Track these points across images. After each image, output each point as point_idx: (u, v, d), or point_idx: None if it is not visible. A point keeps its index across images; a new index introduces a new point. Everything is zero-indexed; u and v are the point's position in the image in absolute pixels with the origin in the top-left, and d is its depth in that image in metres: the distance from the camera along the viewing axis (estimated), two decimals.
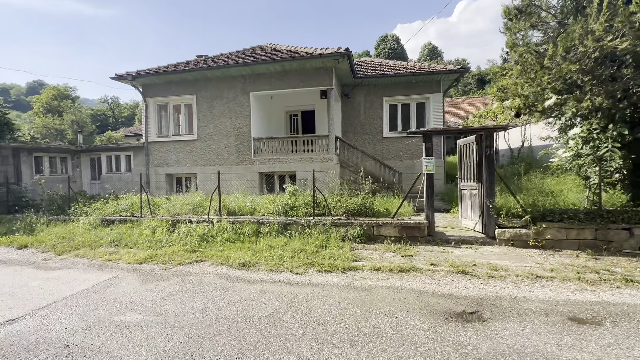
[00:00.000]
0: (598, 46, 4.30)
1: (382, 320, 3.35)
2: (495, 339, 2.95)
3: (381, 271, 4.84)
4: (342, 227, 6.40)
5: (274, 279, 4.64)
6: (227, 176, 11.03)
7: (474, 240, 6.00)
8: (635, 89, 4.67)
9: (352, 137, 12.76)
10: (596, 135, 5.64)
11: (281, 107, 13.71)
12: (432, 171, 6.15)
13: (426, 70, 11.61)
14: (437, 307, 3.67)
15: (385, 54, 42.31)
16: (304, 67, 10.39)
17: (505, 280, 4.43)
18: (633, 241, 5.38)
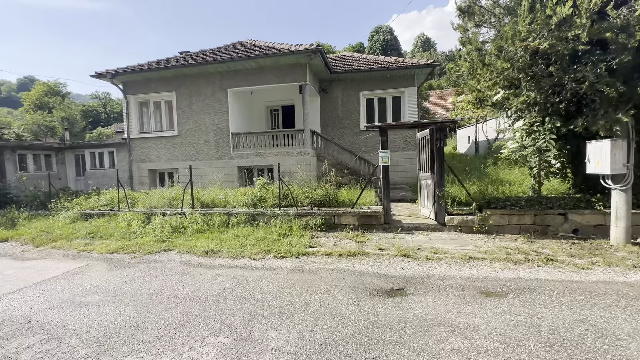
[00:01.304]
0: (523, 46, 4.67)
1: (314, 297, 3.77)
2: (406, 310, 3.38)
3: (332, 256, 5.26)
4: (305, 216, 6.80)
5: (231, 265, 5.05)
6: (207, 170, 11.37)
7: (426, 227, 6.44)
8: (569, 84, 5.05)
9: (331, 131, 13.11)
10: (536, 128, 6.06)
11: (261, 102, 13.99)
12: (388, 163, 6.54)
13: (400, 65, 11.94)
14: (370, 285, 4.10)
15: (379, 45, 42.19)
16: (279, 63, 10.67)
17: (441, 261, 4.87)
18: (567, 225, 5.84)
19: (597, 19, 4.62)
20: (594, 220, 5.71)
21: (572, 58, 4.91)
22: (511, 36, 4.88)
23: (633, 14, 4.27)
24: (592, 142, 5.26)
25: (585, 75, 4.57)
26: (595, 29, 4.26)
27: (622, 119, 4.67)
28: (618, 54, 4.43)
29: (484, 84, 6.02)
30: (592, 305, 3.37)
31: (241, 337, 2.94)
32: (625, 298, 3.53)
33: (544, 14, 4.39)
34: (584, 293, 3.68)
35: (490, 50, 5.14)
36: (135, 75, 11.69)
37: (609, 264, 4.53)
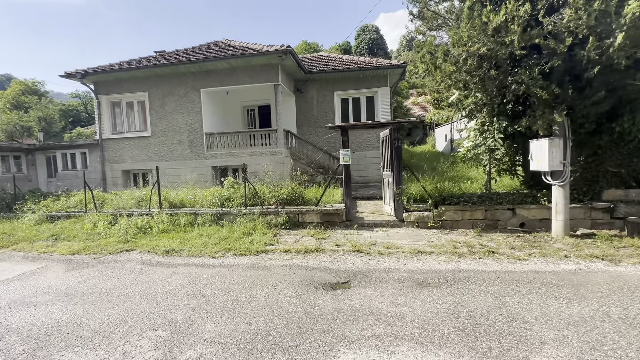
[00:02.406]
0: (465, 50, 4.94)
1: (261, 291, 3.93)
2: (343, 301, 3.58)
3: (289, 252, 5.43)
4: (270, 215, 6.95)
5: (190, 263, 5.16)
6: (181, 171, 11.38)
7: (386, 223, 6.68)
8: (512, 86, 5.34)
9: (306, 131, 13.27)
10: (487, 128, 6.37)
11: (238, 102, 14.03)
12: (349, 162, 6.75)
13: (372, 65, 12.19)
14: (318, 279, 4.29)
15: (365, 44, 42.49)
16: (251, 64, 10.76)
17: (391, 256, 5.10)
18: (515, 219, 6.17)
19: (534, 25, 4.93)
20: (539, 215, 6.06)
21: (513, 62, 5.20)
22: (456, 41, 5.14)
23: (562, 21, 4.58)
24: (534, 140, 5.59)
25: (522, 78, 4.87)
26: (526, 35, 4.55)
27: (556, 119, 4.99)
28: (550, 59, 4.74)
29: (438, 86, 6.28)
30: (514, 293, 3.64)
31: (179, 330, 3.08)
32: (546, 285, 3.82)
33: (481, 20, 4.67)
34: (512, 282, 3.96)
35: (438, 54, 5.39)
36: (106, 75, 11.57)
37: (544, 255, 4.85)
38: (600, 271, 4.21)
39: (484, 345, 2.66)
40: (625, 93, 4.95)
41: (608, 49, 4.33)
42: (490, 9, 4.62)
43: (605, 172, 5.88)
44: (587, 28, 4.37)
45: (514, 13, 4.45)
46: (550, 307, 3.27)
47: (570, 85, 4.90)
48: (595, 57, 4.47)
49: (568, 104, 5.03)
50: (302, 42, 42.35)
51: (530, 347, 2.61)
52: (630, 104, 5.20)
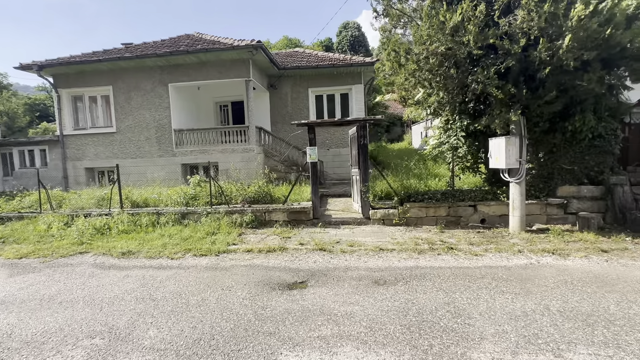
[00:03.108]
0: (425, 48, 4.98)
1: (214, 294, 3.82)
2: (296, 302, 3.53)
3: (251, 252, 5.33)
4: (237, 214, 6.80)
5: (146, 265, 4.96)
6: (149, 168, 10.97)
7: (353, 221, 6.70)
8: (473, 85, 5.43)
9: (281, 127, 13.10)
10: (450, 126, 6.48)
11: (210, 97, 13.67)
12: (315, 160, 6.70)
13: (346, 62, 12.16)
14: (276, 279, 4.22)
15: (347, 41, 42.40)
16: (221, 58, 10.47)
17: (353, 254, 5.10)
18: (476, 216, 6.33)
19: (492, 25, 5.02)
20: (499, 211, 6.25)
21: (472, 61, 5.29)
22: (417, 39, 5.17)
23: (516, 22, 4.69)
24: (493, 139, 5.74)
25: (479, 77, 4.96)
26: (482, 35, 4.63)
27: (512, 117, 5.13)
28: (506, 59, 4.84)
29: (405, 84, 6.32)
30: (465, 289, 3.72)
31: (118, 337, 2.93)
32: (497, 280, 3.92)
33: (439, 20, 4.71)
34: (465, 278, 4.04)
35: (400, 53, 5.41)
36: (66, 67, 10.93)
37: (499, 250, 4.99)
38: (549, 265, 4.38)
39: (426, 342, 2.69)
40: (576, 93, 5.14)
41: (558, 50, 4.47)
42: (446, 8, 4.66)
43: (559, 170, 6.12)
44: (538, 29, 4.50)
45: (470, 13, 4.51)
46: (496, 302, 3.35)
47: (524, 85, 5.04)
48: (547, 58, 4.61)
49: (523, 104, 5.18)
50: (283, 38, 41.84)
51: (469, 343, 2.65)
52: (581, 104, 5.42)
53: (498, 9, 4.75)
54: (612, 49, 4.59)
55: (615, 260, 4.43)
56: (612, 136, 5.81)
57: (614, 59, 4.82)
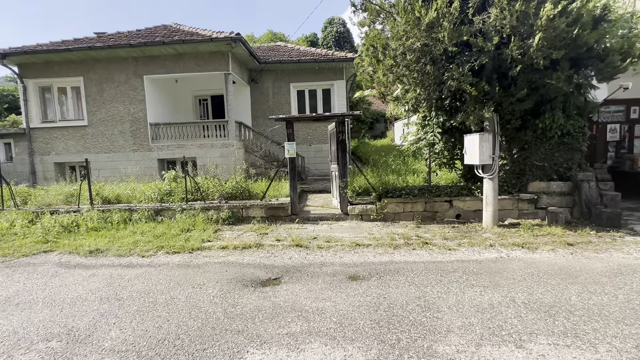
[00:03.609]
0: (401, 44, 4.99)
1: (184, 292, 3.71)
2: (268, 299, 3.48)
3: (226, 249, 5.23)
4: (213, 210, 6.66)
5: (115, 263, 4.77)
6: (123, 163, 10.57)
7: (331, 217, 6.68)
8: (449, 82, 5.48)
9: (262, 122, 12.92)
10: (427, 122, 6.55)
11: (188, 91, 13.30)
12: (294, 155, 6.63)
13: (328, 58, 12.10)
14: (249, 276, 4.14)
15: (332, 37, 42.15)
16: (198, 50, 10.18)
17: (329, 250, 5.09)
18: (452, 211, 6.45)
19: (467, 23, 5.07)
20: (474, 206, 6.38)
21: (447, 58, 5.33)
22: (394, 35, 5.16)
23: (489, 20, 4.75)
24: (467, 135, 5.83)
25: (454, 74, 5.01)
26: (456, 32, 4.68)
27: (485, 114, 5.22)
28: (479, 56, 4.91)
29: (383, 80, 6.32)
30: (436, 283, 3.76)
31: (77, 340, 2.79)
32: (467, 274, 4.00)
33: (414, 15, 4.71)
34: (437, 272, 4.09)
35: (378, 48, 5.40)
36: (32, 56, 10.34)
37: (472, 244, 5.10)
38: (518, 259, 4.50)
39: (394, 337, 2.69)
40: (546, 92, 5.29)
41: (528, 49, 4.57)
42: (422, 4, 4.68)
43: (531, 166, 6.30)
44: (510, 28, 4.58)
45: (445, 9, 4.54)
46: (465, 296, 3.41)
47: (497, 83, 5.14)
48: (518, 57, 4.70)
49: (496, 101, 5.28)
50: (268, 32, 41.15)
51: (436, 336, 2.68)
52: (551, 102, 5.58)
53: (472, 7, 4.80)
54: (580, 49, 4.73)
55: (580, 253, 4.61)
56: (580, 134, 6.03)
57: (581, 58, 4.98)
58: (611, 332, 2.65)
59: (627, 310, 2.98)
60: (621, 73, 5.04)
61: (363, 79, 7.51)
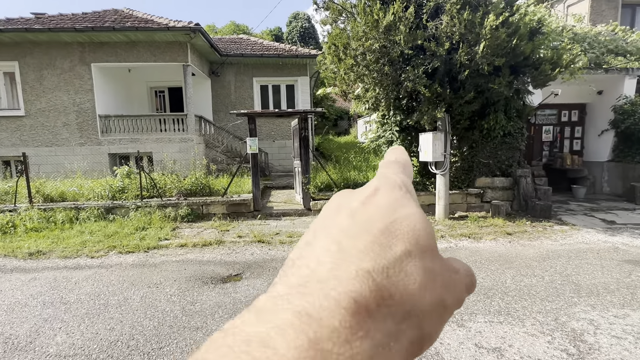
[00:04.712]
0: (361, 44, 5.18)
1: (139, 292, 3.57)
2: (228, 295, 3.47)
3: (185, 247, 5.09)
4: (171, 207, 6.41)
5: (60, 266, 4.44)
6: (69, 158, 9.72)
7: (294, 212, 6.76)
8: (405, 83, 5.76)
9: (223, 117, 12.56)
10: (386, 120, 6.86)
11: (143, 82, 12.52)
12: (256, 151, 6.59)
13: (291, 53, 12.06)
14: (209, 273, 4.09)
15: (297, 32, 41.71)
16: (154, 39, 9.63)
17: (292, 245, 5.16)
18: None
19: (422, 28, 5.38)
20: (428, 200, 6.80)
21: (404, 60, 5.62)
22: (354, 35, 5.33)
23: (441, 26, 5.08)
24: (422, 134, 6.20)
25: (410, 76, 5.29)
26: (411, 35, 4.95)
27: (437, 115, 5.59)
28: (432, 60, 5.24)
29: (345, 78, 6.48)
30: None
31: (16, 347, 2.60)
32: None
33: (373, 17, 4.91)
34: None
35: (339, 47, 5.53)
36: None
37: None
38: (465, 248, 4.92)
39: None
40: (490, 95, 5.78)
41: (475, 55, 4.97)
42: (380, 7, 4.88)
43: (478, 163, 6.85)
44: (459, 35, 4.94)
45: (401, 14, 4.78)
46: None
47: (448, 85, 5.52)
48: (466, 62, 5.10)
49: (447, 102, 5.67)
50: (230, 23, 39.83)
51: None
52: (494, 105, 6.11)
53: (426, 12, 5.10)
54: (518, 58, 5.24)
55: (516, 242, 5.14)
56: (519, 134, 6.68)
57: (519, 66, 5.52)
58: (536, 309, 3.04)
59: (550, 289, 3.42)
60: (552, 81, 5.67)
61: (326, 76, 7.61)
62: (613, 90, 7.85)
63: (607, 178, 8.25)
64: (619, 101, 7.68)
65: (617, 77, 7.69)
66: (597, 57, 7.99)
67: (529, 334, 2.64)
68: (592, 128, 8.55)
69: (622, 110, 7.56)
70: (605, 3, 11.47)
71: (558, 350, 2.44)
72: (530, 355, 2.39)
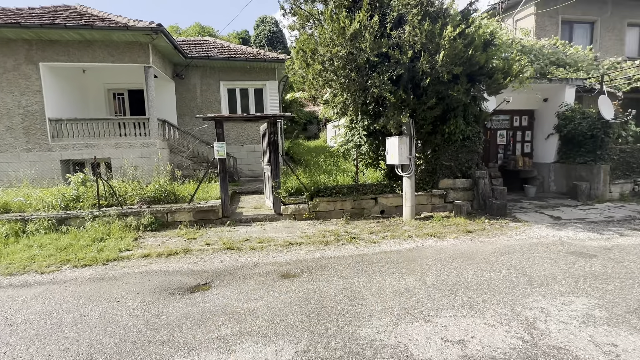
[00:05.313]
0: (328, 50, 5.29)
1: (98, 307, 3.34)
2: (196, 305, 3.35)
3: (149, 257, 4.83)
4: (132, 216, 6.07)
5: (3, 284, 4.02)
6: (13, 165, 8.87)
7: (265, 217, 6.68)
8: (372, 89, 5.93)
9: (189, 121, 12.15)
10: (354, 125, 7.02)
11: (100, 83, 11.78)
12: (224, 156, 6.44)
13: (259, 57, 11.97)
14: (176, 284, 3.91)
15: (265, 35, 41.33)
16: (112, 39, 9.12)
17: (262, 250, 5.09)
18: (377, 207, 7.02)
19: (386, 36, 5.59)
20: (395, 202, 7.04)
21: (370, 67, 5.80)
22: (322, 41, 5.42)
23: (404, 35, 5.32)
24: (388, 138, 6.42)
25: (376, 82, 5.47)
26: (376, 43, 5.14)
27: (402, 120, 5.82)
28: (397, 67, 5.46)
29: (313, 83, 6.54)
30: (362, 274, 4.08)
31: None
32: (389, 263, 4.42)
33: (339, 25, 5.04)
34: (364, 264, 4.43)
35: (307, 53, 5.60)
36: None
37: (394, 236, 5.64)
38: (430, 247, 5.14)
39: (322, 327, 2.87)
40: (450, 102, 6.13)
41: (435, 64, 5.26)
42: (346, 15, 5.03)
43: (441, 165, 7.21)
44: (421, 44, 5.20)
45: (366, 22, 4.95)
46: (386, 283, 3.78)
47: (412, 92, 5.78)
48: (428, 70, 5.37)
49: (412, 108, 5.93)
50: (195, 24, 38.59)
51: (360, 322, 2.94)
52: (454, 111, 6.48)
53: (390, 22, 5.32)
54: (474, 67, 5.62)
55: (477, 239, 5.46)
56: (477, 138, 7.12)
57: (475, 74, 5.91)
58: (495, 301, 3.25)
59: (507, 282, 3.68)
60: (504, 88, 6.14)
61: (295, 80, 7.64)
62: (556, 98, 8.64)
63: (554, 178, 9.03)
64: (561, 108, 8.47)
65: (559, 86, 8.49)
66: (542, 67, 8.78)
67: (489, 325, 2.82)
68: (539, 132, 9.33)
69: (564, 116, 8.35)
70: (548, 19, 12.63)
71: (514, 338, 2.63)
72: (491, 344, 2.55)
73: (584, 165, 8.18)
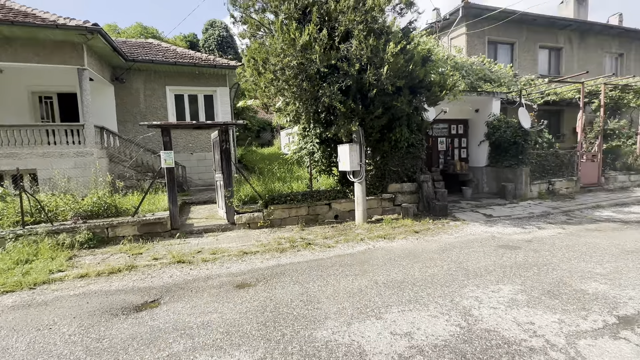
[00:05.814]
0: (279, 60, 5.40)
1: (25, 338, 2.98)
2: (143, 324, 3.15)
3: (87, 277, 4.42)
4: (66, 233, 5.49)
5: None
6: None
7: (217, 227, 6.49)
8: (323, 98, 6.12)
9: (131, 128, 11.34)
10: (307, 133, 7.19)
11: (22, 85, 10.48)
12: (172, 165, 6.16)
13: (209, 63, 11.66)
14: (119, 304, 3.64)
15: (214, 40, 39.98)
16: (38, 37, 8.22)
17: (215, 262, 4.94)
18: (331, 213, 7.22)
19: (335, 49, 5.85)
20: (348, 207, 7.30)
21: (321, 77, 6.00)
22: (273, 51, 5.50)
23: (352, 49, 5.63)
24: (340, 145, 6.68)
25: (326, 92, 5.69)
26: (326, 55, 5.37)
27: (352, 128, 6.11)
28: (345, 79, 5.74)
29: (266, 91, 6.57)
30: (317, 278, 4.18)
31: None
32: (343, 266, 4.58)
33: (290, 36, 5.18)
34: (319, 268, 4.54)
35: (259, 61, 5.64)
36: None
37: (347, 240, 5.85)
38: (381, 248, 5.43)
39: (279, 333, 2.90)
40: (395, 111, 6.58)
41: (380, 76, 5.64)
42: (296, 27, 5.19)
43: (389, 171, 7.66)
44: (367, 58, 5.55)
45: (315, 35, 5.16)
46: (341, 285, 3.92)
47: (360, 102, 6.10)
48: (374, 82, 5.73)
49: (360, 117, 6.25)
50: (136, 25, 36.09)
51: (316, 325, 3.02)
52: (399, 120, 6.97)
53: (338, 36, 5.59)
54: (414, 80, 6.13)
55: (422, 238, 5.90)
56: (420, 145, 7.72)
57: (416, 87, 6.44)
58: (438, 294, 3.56)
59: (448, 276, 4.05)
60: (441, 100, 6.78)
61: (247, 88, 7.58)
62: (486, 109, 9.72)
63: (486, 180, 10.10)
64: (490, 118, 9.55)
65: (487, 99, 9.58)
66: (472, 82, 9.83)
67: (432, 316, 3.09)
68: (473, 139, 10.38)
69: (492, 125, 9.42)
70: (477, 39, 14.20)
71: (453, 325, 2.92)
72: (433, 333, 2.80)
73: (509, 169, 9.28)
